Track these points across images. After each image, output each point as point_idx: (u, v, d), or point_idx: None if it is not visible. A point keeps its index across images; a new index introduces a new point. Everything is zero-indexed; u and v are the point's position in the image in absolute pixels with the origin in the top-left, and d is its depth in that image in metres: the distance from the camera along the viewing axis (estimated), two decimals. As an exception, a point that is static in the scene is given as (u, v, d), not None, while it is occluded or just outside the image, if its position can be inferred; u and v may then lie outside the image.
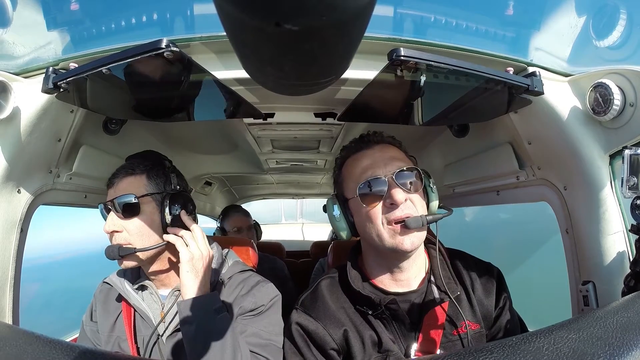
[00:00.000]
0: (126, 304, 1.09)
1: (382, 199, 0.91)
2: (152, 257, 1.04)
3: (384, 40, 0.94)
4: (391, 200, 0.89)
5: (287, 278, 2.31)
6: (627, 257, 0.95)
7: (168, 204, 1.02)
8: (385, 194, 0.90)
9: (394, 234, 0.89)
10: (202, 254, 0.97)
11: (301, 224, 5.35)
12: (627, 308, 0.63)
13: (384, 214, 0.90)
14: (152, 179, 1.06)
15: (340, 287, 1.02)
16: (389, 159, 0.95)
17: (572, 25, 0.99)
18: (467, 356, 0.52)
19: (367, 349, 0.93)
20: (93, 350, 0.60)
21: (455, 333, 0.95)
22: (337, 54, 0.49)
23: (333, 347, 0.93)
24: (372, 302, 0.93)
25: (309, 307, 0.99)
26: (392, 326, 0.95)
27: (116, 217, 1.01)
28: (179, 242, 0.97)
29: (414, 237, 0.89)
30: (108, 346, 1.07)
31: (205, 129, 1.74)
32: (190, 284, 0.94)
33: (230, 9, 0.36)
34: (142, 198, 1.02)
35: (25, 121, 0.95)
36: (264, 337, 0.99)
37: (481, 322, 0.97)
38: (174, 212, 1.03)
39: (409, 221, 0.87)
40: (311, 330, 0.94)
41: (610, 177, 0.97)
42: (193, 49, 0.96)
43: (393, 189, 0.89)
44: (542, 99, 0.98)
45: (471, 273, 1.03)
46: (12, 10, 0.91)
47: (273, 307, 1.06)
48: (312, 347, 0.94)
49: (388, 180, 0.91)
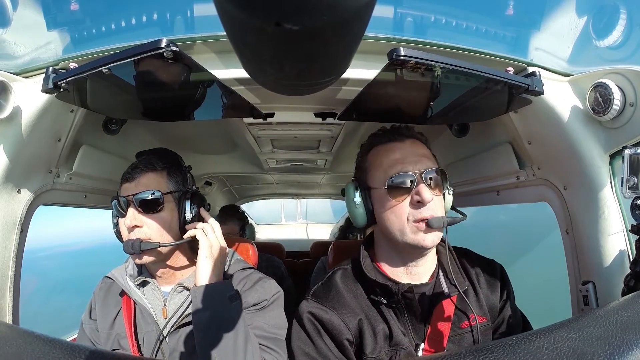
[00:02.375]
0: (127, 300, 1.10)
1: (408, 194, 0.92)
2: (168, 254, 1.06)
3: (384, 40, 0.94)
4: (419, 198, 0.90)
5: (284, 276, 2.32)
6: (627, 257, 0.95)
7: (189, 202, 1.05)
8: (412, 191, 0.91)
9: (417, 231, 0.90)
10: (220, 244, 1.00)
11: (305, 225, 5.36)
12: (627, 308, 0.63)
13: (410, 210, 0.91)
14: (172, 176, 1.08)
15: (353, 278, 1.03)
16: (419, 156, 0.96)
17: (572, 25, 0.99)
18: (467, 356, 0.52)
19: (379, 341, 0.93)
20: (93, 350, 0.60)
21: (463, 326, 0.96)
22: (337, 54, 0.49)
23: (347, 337, 0.93)
24: (388, 291, 0.94)
25: (321, 297, 0.99)
26: (404, 317, 0.96)
27: (136, 212, 1.01)
28: (199, 233, 1.00)
29: (435, 236, 0.91)
30: (107, 343, 1.07)
31: (205, 129, 1.74)
32: (206, 270, 0.95)
33: (230, 9, 0.36)
34: (167, 195, 1.03)
35: (25, 121, 0.95)
36: (268, 331, 1.00)
37: (488, 316, 0.99)
38: (193, 210, 1.06)
39: (432, 221, 0.89)
40: (325, 319, 0.94)
41: (610, 177, 0.97)
42: (193, 48, 0.96)
43: (422, 187, 0.90)
44: (542, 99, 0.98)
45: (476, 269, 1.05)
46: (12, 10, 0.91)
47: (276, 302, 1.07)
48: (325, 336, 0.94)
49: (417, 178, 0.92)
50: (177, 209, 1.05)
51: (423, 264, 0.99)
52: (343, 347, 0.93)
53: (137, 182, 1.03)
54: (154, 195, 1.01)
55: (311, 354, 0.93)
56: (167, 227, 1.03)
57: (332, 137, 1.77)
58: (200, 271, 0.95)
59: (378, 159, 0.99)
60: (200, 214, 1.07)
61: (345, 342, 0.93)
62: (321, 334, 0.94)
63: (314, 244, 3.41)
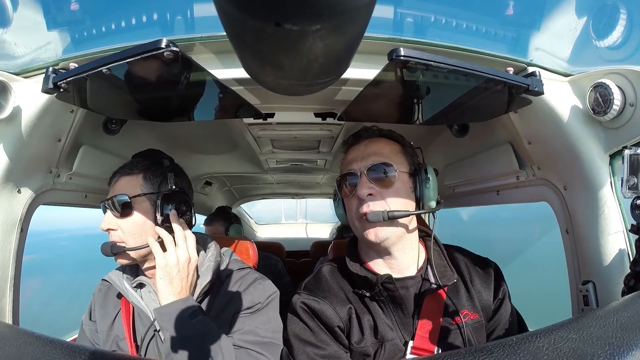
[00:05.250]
0: (125, 302, 1.09)
1: (355, 191, 0.96)
2: (144, 256, 1.05)
3: (384, 40, 0.94)
4: (357, 194, 0.94)
5: (282, 274, 2.33)
6: (627, 257, 0.95)
7: (160, 204, 1.03)
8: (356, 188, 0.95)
9: (362, 226, 0.95)
10: (178, 260, 0.97)
11: (305, 224, 5.37)
12: (627, 308, 0.63)
13: (356, 206, 0.96)
14: (149, 179, 1.07)
15: (339, 273, 1.06)
16: (369, 153, 0.99)
17: (572, 25, 0.99)
18: (467, 356, 0.52)
19: (365, 332, 0.94)
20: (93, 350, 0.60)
21: (454, 322, 0.96)
22: (337, 54, 0.49)
23: (339, 325, 0.95)
24: (368, 282, 0.95)
25: (312, 289, 1.01)
26: (390, 311, 0.96)
27: (112, 215, 1.03)
28: (155, 247, 0.98)
29: (379, 231, 0.93)
30: (107, 345, 1.07)
31: (206, 129, 1.74)
32: (164, 290, 0.95)
33: (230, 9, 0.36)
34: (135, 198, 1.03)
35: (25, 121, 0.95)
36: (261, 335, 1.00)
37: (480, 313, 0.98)
38: (166, 212, 1.04)
39: (369, 215, 0.92)
40: (317, 309, 0.96)
41: (610, 177, 0.97)
42: (193, 49, 0.96)
43: (360, 183, 0.95)
44: (542, 99, 0.98)
45: (468, 265, 1.06)
46: (12, 10, 0.91)
47: (270, 304, 1.07)
48: (320, 324, 0.95)
49: (360, 174, 0.95)
50: (153, 212, 1.04)
51: (399, 257, 0.99)
52: (336, 335, 0.95)
53: (114, 187, 1.06)
54: (122, 199, 1.02)
55: (309, 339, 0.94)
56: (140, 229, 1.03)
57: (332, 137, 1.77)
58: (159, 292, 0.95)
59: (343, 163, 1.06)
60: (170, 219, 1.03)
61: (336, 329, 0.94)
62: (317, 322, 0.96)
63: (314, 244, 3.41)
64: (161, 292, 0.95)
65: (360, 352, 0.93)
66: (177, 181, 1.10)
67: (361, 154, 0.99)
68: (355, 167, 0.97)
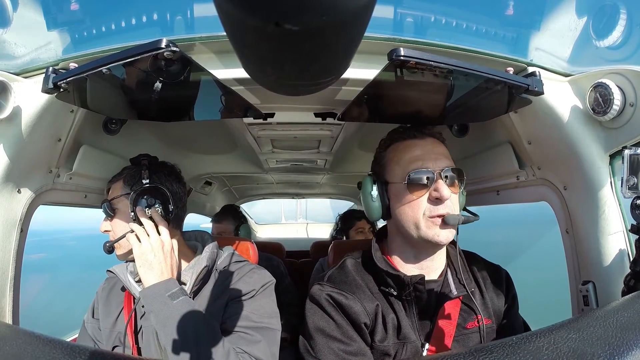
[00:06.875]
0: (128, 296, 1.13)
1: (427, 190, 0.93)
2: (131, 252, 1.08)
3: (384, 40, 0.94)
4: (437, 195, 0.92)
5: (283, 275, 2.32)
6: (627, 257, 0.95)
7: (133, 201, 1.07)
8: (431, 187, 0.93)
9: (433, 226, 0.92)
10: (152, 246, 1.02)
11: (305, 224, 5.37)
12: (627, 308, 0.63)
13: (427, 205, 0.93)
14: (127, 181, 1.13)
15: (363, 269, 1.04)
16: (439, 154, 0.98)
17: (572, 25, 0.99)
18: (468, 356, 0.52)
19: (388, 332, 0.94)
20: (93, 350, 0.60)
21: (469, 327, 0.97)
22: (337, 54, 0.49)
23: (365, 322, 0.94)
24: (400, 281, 0.95)
25: (338, 282, 1.00)
26: (412, 311, 0.97)
27: (107, 219, 1.14)
28: (131, 239, 1.04)
29: (449, 233, 0.93)
30: (109, 341, 1.10)
31: (206, 129, 1.74)
32: (145, 276, 1.00)
33: (230, 8, 0.36)
34: (114, 200, 1.12)
35: (25, 121, 0.95)
36: (255, 320, 1.02)
37: (493, 318, 0.99)
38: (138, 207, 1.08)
39: (448, 217, 0.91)
40: (345, 303, 0.94)
41: (610, 177, 0.97)
42: (193, 49, 0.96)
43: (441, 184, 0.92)
44: (542, 99, 0.98)
45: (482, 272, 1.07)
46: (12, 10, 0.91)
47: (265, 291, 1.09)
48: (347, 319, 0.94)
49: (436, 175, 0.94)
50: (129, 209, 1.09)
51: (435, 259, 1.00)
52: (362, 332, 0.94)
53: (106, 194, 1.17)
54: (106, 204, 1.13)
55: (334, 334, 0.92)
56: (122, 229, 1.10)
57: (332, 137, 1.77)
58: (142, 278, 1.01)
59: (397, 155, 1.00)
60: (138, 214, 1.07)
61: (363, 326, 0.93)
62: (342, 315, 0.94)
63: (314, 244, 3.40)
64: (144, 278, 1.00)
65: (382, 351, 0.93)
66: (152, 176, 1.12)
67: (431, 153, 0.97)
68: (430, 166, 0.94)
